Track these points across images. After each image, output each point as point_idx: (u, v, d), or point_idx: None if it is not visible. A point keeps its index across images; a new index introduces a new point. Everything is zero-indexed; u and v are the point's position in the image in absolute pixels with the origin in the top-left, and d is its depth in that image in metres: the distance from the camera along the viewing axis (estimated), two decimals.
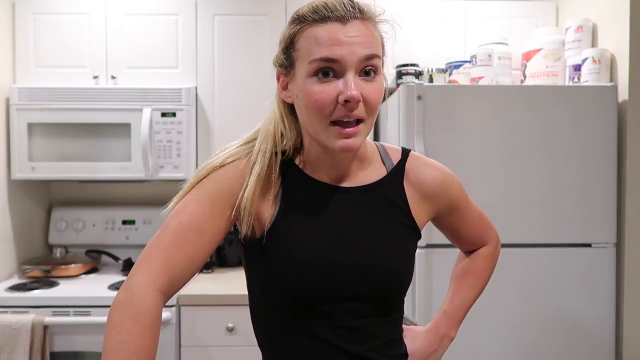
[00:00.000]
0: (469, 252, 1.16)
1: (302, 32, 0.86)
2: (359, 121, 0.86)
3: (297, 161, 0.95)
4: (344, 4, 0.85)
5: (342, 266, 0.90)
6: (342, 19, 0.84)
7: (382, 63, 0.90)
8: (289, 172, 0.94)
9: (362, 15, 0.86)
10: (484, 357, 1.90)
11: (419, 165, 1.01)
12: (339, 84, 0.84)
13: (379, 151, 1.01)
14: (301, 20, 0.87)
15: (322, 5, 0.85)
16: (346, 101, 0.83)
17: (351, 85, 0.83)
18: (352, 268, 0.91)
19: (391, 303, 0.96)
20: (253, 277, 0.97)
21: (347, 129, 0.85)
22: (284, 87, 0.92)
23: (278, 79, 0.93)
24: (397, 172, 0.99)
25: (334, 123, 0.85)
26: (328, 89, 0.84)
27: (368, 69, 0.85)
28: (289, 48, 0.88)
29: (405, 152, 1.02)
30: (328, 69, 0.84)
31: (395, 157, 1.01)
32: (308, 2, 0.88)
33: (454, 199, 1.04)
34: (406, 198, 0.98)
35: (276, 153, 0.92)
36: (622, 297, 1.90)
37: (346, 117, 0.84)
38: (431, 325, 1.10)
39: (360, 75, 0.85)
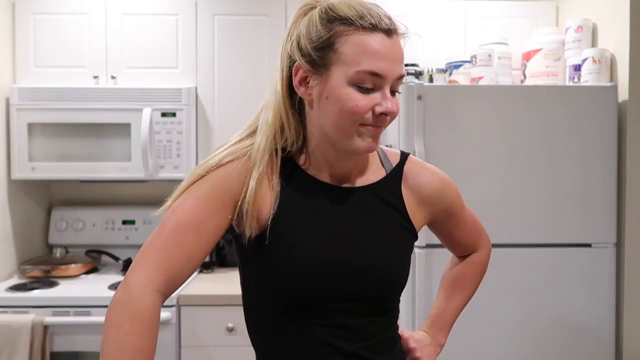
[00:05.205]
0: (461, 256, 1.17)
1: (348, 36, 0.84)
2: None
3: (300, 161, 0.95)
4: (385, 15, 0.86)
5: (340, 266, 0.90)
6: (388, 32, 0.85)
7: None
8: (290, 170, 0.94)
9: (396, 29, 0.87)
10: (484, 357, 1.89)
11: (417, 169, 1.01)
12: (376, 96, 0.86)
13: (379, 154, 1.02)
14: (345, 22, 0.85)
15: (367, 12, 0.85)
16: (383, 114, 0.86)
17: (389, 99, 0.86)
18: (349, 268, 0.91)
19: (386, 303, 0.97)
20: (248, 275, 0.97)
21: (375, 127, 0.88)
22: (302, 83, 0.89)
23: (295, 73, 0.89)
24: (396, 175, 0.99)
25: (364, 126, 0.88)
26: (366, 99, 0.85)
27: (395, 87, 0.88)
28: (325, 47, 0.85)
29: (404, 156, 1.02)
30: (370, 82, 0.85)
31: (394, 160, 1.01)
32: (340, 2, 0.86)
33: (451, 205, 1.05)
34: (403, 200, 0.98)
35: (277, 150, 0.92)
36: (622, 297, 1.90)
37: (375, 126, 0.88)
38: (420, 334, 1.11)
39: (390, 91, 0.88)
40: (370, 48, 0.83)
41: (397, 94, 0.89)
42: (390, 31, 0.85)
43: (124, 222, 2.53)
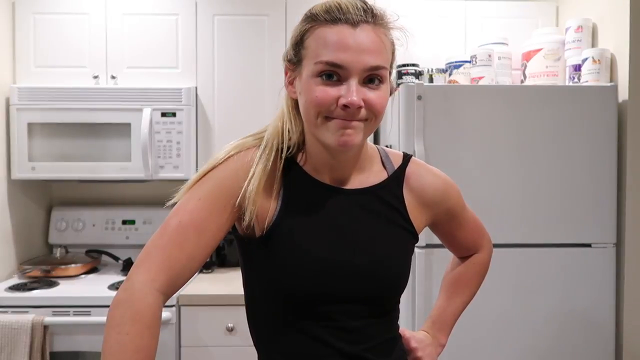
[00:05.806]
0: (462, 257, 1.17)
1: (313, 31, 0.86)
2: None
3: (299, 160, 0.95)
4: (357, 7, 0.84)
5: (341, 267, 0.90)
6: (353, 23, 0.83)
7: (390, 72, 0.89)
8: (292, 170, 0.94)
9: (374, 20, 0.85)
10: (484, 357, 1.89)
11: (420, 171, 1.01)
12: (341, 88, 0.84)
13: (380, 155, 1.02)
14: (313, 19, 0.86)
15: (336, 6, 0.85)
16: (345, 106, 0.83)
17: (353, 91, 0.83)
18: (351, 269, 0.91)
19: (387, 304, 0.97)
20: (251, 276, 0.97)
21: (344, 120, 0.84)
22: (290, 82, 0.92)
23: (286, 74, 0.93)
24: (398, 177, 0.99)
25: (330, 119, 0.85)
26: (330, 90, 0.84)
27: (372, 77, 0.85)
28: (298, 45, 0.88)
29: (407, 157, 1.02)
30: (332, 73, 0.84)
31: (397, 162, 1.01)
32: (320, 1, 0.88)
33: (453, 206, 1.06)
34: (404, 202, 0.98)
35: (282, 150, 0.92)
36: (622, 297, 1.90)
37: (342, 119, 0.84)
38: (421, 334, 1.11)
39: (364, 82, 0.85)
40: (329, 39, 0.83)
41: (382, 86, 0.86)
42: (354, 21, 0.83)
43: (124, 222, 2.53)
